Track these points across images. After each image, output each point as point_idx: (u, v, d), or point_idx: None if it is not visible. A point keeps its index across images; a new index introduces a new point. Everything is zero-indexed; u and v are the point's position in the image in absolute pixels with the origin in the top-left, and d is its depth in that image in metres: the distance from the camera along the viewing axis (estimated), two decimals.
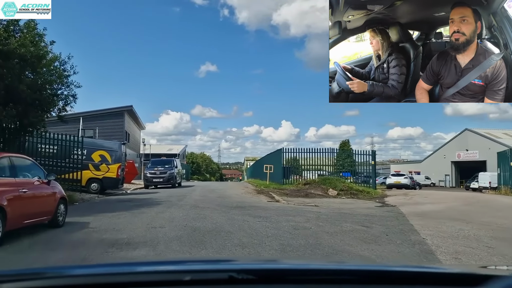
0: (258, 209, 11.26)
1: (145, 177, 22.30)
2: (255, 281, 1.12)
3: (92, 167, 16.12)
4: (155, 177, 21.95)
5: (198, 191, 19.07)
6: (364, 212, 11.36)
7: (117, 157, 16.47)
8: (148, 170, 22.43)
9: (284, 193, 17.73)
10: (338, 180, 18.62)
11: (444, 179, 53.62)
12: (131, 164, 25.15)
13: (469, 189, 36.02)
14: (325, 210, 11.51)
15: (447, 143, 55.98)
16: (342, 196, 17.14)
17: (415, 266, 1.85)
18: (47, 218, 7.24)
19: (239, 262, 1.85)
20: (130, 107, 37.32)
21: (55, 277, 1.22)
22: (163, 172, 22.03)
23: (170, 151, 60.22)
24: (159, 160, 25.02)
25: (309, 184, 18.99)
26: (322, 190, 18.03)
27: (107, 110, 36.11)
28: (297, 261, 3.25)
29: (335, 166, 24.10)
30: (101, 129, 34.18)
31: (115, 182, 16.45)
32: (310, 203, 13.83)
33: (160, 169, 22.16)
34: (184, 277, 1.12)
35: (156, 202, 12.94)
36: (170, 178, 22.01)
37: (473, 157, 47.15)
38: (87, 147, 16.20)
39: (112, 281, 1.13)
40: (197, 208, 11.15)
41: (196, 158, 76.70)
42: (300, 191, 18.26)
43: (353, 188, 18.04)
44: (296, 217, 9.64)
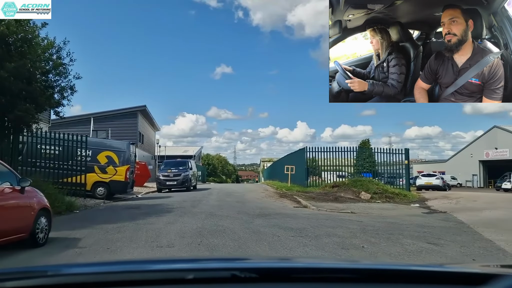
0: (287, 218, 9.43)
1: (157, 179, 20.68)
2: (258, 279, 1.10)
3: (98, 170, 14.54)
4: (168, 179, 20.32)
5: (214, 195, 17.34)
6: (415, 221, 9.40)
7: (126, 158, 14.85)
8: (161, 172, 20.82)
9: (310, 197, 15.85)
10: (370, 181, 16.60)
11: (471, 179, 50.66)
12: (143, 166, 23.62)
13: (500, 189, 33.11)
14: (367, 219, 9.59)
15: (474, 141, 52.91)
16: (377, 200, 15.14)
17: (419, 265, 1.89)
18: (21, 235, 5.57)
19: (242, 261, 1.68)
20: (143, 107, 35.89)
21: (58, 275, 1.21)
22: (177, 174, 20.39)
23: (186, 153, 58.97)
24: (173, 161, 23.41)
25: (338, 187, 17.04)
26: (353, 194, 16.07)
27: (119, 111, 34.78)
28: (302, 259, 3.18)
29: (354, 166, 22.11)
30: (114, 130, 32.85)
31: (123, 186, 14.81)
32: (345, 209, 11.91)
33: (173, 171, 20.53)
34: (187, 276, 1.11)
35: (167, 209, 11.25)
36: (185, 181, 20.34)
37: (503, 155, 44.18)
38: (92, 147, 14.63)
39: (115, 279, 1.12)
40: (214, 217, 9.39)
41: (212, 160, 75.22)
42: (328, 194, 16.34)
43: (388, 191, 16.02)
44: (336, 229, 7.77)
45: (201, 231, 7.22)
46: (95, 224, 8.30)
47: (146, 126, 39.99)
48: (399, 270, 1.26)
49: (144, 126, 38.55)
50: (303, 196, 16.10)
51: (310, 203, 13.65)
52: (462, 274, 1.23)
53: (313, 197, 15.82)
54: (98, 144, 14.93)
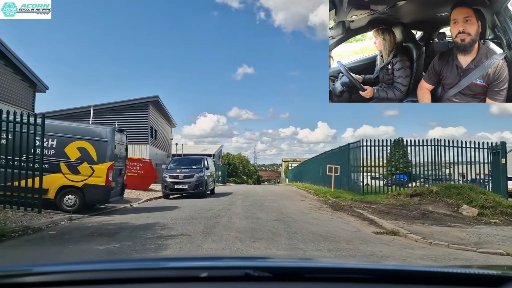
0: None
1: (163, 182, 15.66)
2: (271, 278, 1.10)
3: (65, 169, 9.66)
4: (177, 182, 15.36)
5: (239, 205, 12.27)
6: None
7: (108, 151, 9.86)
8: (168, 173, 15.81)
9: (381, 211, 10.61)
10: (471, 189, 11.10)
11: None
12: (147, 165, 18.73)
13: None
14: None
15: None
16: (491, 218, 9.71)
17: (433, 266, 1.86)
18: None
19: (255, 260, 1.70)
20: (155, 98, 30.98)
21: (75, 271, 1.18)
22: (188, 175, 15.42)
23: (205, 151, 54.25)
24: (185, 159, 18.46)
25: (419, 196, 11.67)
26: (448, 207, 10.69)
27: (127, 102, 30.04)
28: (315, 259, 3.11)
29: (387, 167, 16.69)
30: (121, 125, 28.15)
31: (103, 193, 9.72)
32: (471, 242, 6.62)
33: (184, 172, 15.58)
34: (200, 274, 1.10)
35: (160, 239, 6.29)
36: (199, 184, 15.34)
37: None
38: (57, 135, 9.71)
39: (130, 276, 1.12)
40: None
41: (232, 159, 70.44)
42: (407, 207, 11.02)
43: (502, 204, 10.52)
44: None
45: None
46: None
47: (160, 121, 35.25)
48: (417, 271, 1.23)
49: (157, 120, 33.80)
50: (369, 210, 10.86)
51: (396, 224, 8.38)
52: (481, 276, 1.20)
53: (386, 211, 10.56)
54: (65, 130, 9.87)
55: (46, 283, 1.07)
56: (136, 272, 1.16)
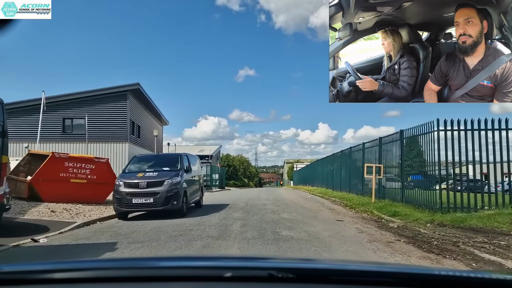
0: None
1: (115, 193, 9.98)
2: (295, 279, 1.07)
3: None
4: (137, 193, 9.68)
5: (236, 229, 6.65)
6: None
7: None
8: (123, 179, 10.10)
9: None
10: None
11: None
12: (103, 167, 12.85)
13: None
14: None
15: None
16: None
17: (446, 269, 1.81)
18: None
19: (278, 260, 1.69)
20: (136, 86, 25.14)
21: (95, 268, 1.17)
22: (155, 182, 9.77)
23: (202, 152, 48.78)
24: (153, 156, 12.83)
25: None
26: None
27: (100, 91, 24.31)
28: (338, 261, 3.02)
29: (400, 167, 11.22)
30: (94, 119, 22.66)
31: None
32: None
33: (149, 177, 9.90)
34: (225, 273, 1.07)
35: None
36: (172, 196, 9.72)
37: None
38: None
39: (154, 275, 1.11)
40: None
41: (232, 161, 64.69)
42: None
43: None
44: None
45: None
46: None
47: (145, 116, 29.53)
48: (434, 275, 1.19)
49: (141, 115, 28.07)
50: (487, 247, 5.10)
51: None
52: (494, 281, 1.15)
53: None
54: None
55: (63, 279, 1.07)
56: (159, 270, 1.15)
